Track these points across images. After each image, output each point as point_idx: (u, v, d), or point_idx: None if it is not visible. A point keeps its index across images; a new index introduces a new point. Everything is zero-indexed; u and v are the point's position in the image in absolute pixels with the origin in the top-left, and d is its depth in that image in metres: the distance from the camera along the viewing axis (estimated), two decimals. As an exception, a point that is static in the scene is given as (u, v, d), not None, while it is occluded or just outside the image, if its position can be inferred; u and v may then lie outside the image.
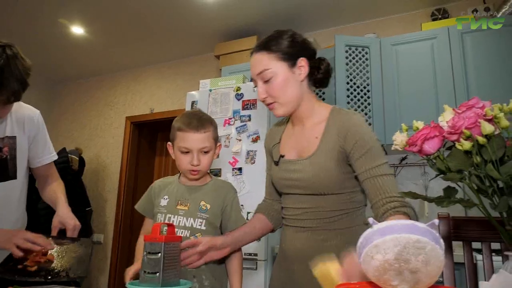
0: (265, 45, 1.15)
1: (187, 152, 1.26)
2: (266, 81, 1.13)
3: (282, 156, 1.23)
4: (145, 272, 0.98)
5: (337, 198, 1.13)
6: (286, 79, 1.13)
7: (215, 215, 1.29)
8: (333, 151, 1.12)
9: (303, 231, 1.17)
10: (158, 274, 0.97)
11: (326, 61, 1.22)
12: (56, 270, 1.18)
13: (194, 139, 1.25)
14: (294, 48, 1.15)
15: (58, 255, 1.22)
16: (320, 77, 1.21)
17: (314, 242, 1.14)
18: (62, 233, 1.31)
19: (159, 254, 0.99)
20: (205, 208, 1.28)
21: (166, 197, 1.32)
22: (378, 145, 1.10)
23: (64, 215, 1.34)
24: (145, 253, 1.00)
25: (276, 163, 1.24)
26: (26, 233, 1.22)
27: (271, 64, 1.12)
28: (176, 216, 1.26)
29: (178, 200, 1.30)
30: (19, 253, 1.17)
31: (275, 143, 1.29)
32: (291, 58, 1.14)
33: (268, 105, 1.17)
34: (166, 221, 1.26)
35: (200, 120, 1.27)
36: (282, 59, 1.13)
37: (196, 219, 1.25)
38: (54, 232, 1.30)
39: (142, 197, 1.42)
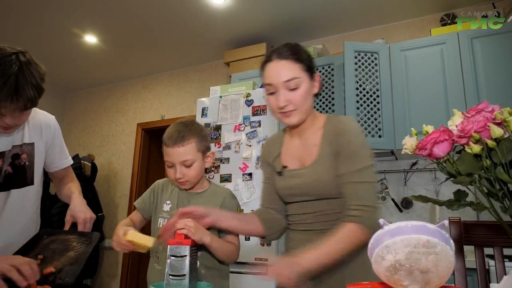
0: (293, 54, 1.17)
1: (172, 166, 1.29)
2: (291, 89, 1.14)
3: (285, 167, 1.26)
4: (171, 275, 1.00)
5: (340, 201, 1.16)
6: (308, 90, 1.17)
7: None
8: (331, 156, 1.16)
9: (312, 234, 1.19)
10: (185, 276, 0.99)
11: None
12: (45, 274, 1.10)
13: (174, 153, 1.26)
14: (312, 62, 1.20)
15: (57, 254, 1.17)
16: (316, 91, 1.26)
17: None
18: (75, 226, 1.30)
19: (186, 257, 1.01)
20: None
21: (168, 202, 1.36)
22: (366, 149, 1.14)
23: (75, 209, 1.33)
24: (169, 256, 1.02)
25: (280, 174, 1.27)
26: (13, 258, 1.06)
27: (300, 73, 1.15)
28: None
29: (179, 206, 1.33)
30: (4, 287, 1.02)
31: (275, 156, 1.31)
32: (311, 71, 1.19)
33: (284, 112, 1.17)
34: None
35: (180, 133, 1.27)
36: (306, 70, 1.17)
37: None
38: (67, 226, 1.31)
39: (143, 195, 1.43)
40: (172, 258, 1.02)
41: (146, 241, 1.12)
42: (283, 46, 1.19)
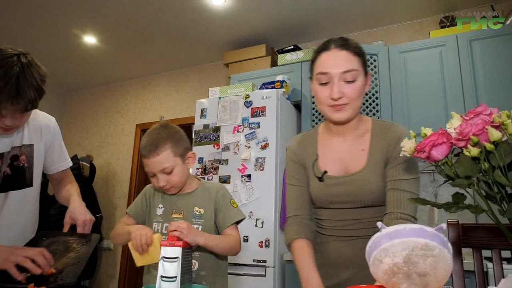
0: (353, 46, 1.12)
1: (153, 175, 1.27)
2: (347, 82, 1.08)
3: (325, 172, 1.18)
4: (162, 277, 1.00)
5: (383, 209, 1.13)
6: (363, 85, 1.12)
7: (210, 218, 1.30)
8: (381, 164, 1.13)
9: (352, 239, 1.16)
10: (176, 278, 0.98)
11: None
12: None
13: (151, 164, 1.24)
14: (365, 58, 1.15)
15: (57, 255, 1.18)
16: None
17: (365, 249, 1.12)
18: (74, 228, 1.30)
19: (177, 259, 1.01)
20: (199, 213, 1.30)
21: (161, 206, 1.34)
22: (415, 160, 1.11)
23: (75, 210, 1.33)
24: (161, 258, 1.02)
25: (321, 179, 1.18)
26: (26, 249, 1.14)
27: (358, 67, 1.10)
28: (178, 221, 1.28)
29: (172, 208, 1.32)
30: (20, 276, 1.07)
31: (313, 158, 1.22)
32: (365, 67, 1.14)
33: (335, 106, 1.10)
34: (163, 230, 1.29)
35: (153, 142, 1.24)
36: (362, 65, 1.12)
37: (193, 226, 1.27)
38: (65, 228, 1.30)
39: (135, 201, 1.41)
40: (164, 260, 1.02)
41: (159, 253, 1.06)
42: (341, 38, 1.13)
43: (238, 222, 1.33)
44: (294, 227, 1.20)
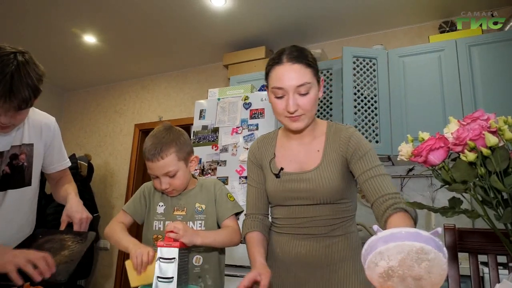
0: (304, 58, 1.14)
1: (156, 177, 1.28)
2: (301, 94, 1.12)
3: (282, 169, 1.23)
4: (159, 278, 1.00)
5: (338, 207, 1.18)
6: (316, 95, 1.16)
7: (211, 212, 1.32)
8: (336, 162, 1.18)
9: (307, 238, 1.19)
10: (172, 279, 0.98)
11: None
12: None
13: (155, 167, 1.25)
14: (317, 67, 1.18)
15: (51, 254, 1.16)
16: None
17: (321, 248, 1.17)
18: (71, 226, 1.30)
19: (174, 259, 1.01)
20: (200, 209, 1.31)
21: (161, 204, 1.35)
22: (373, 150, 1.18)
23: (72, 209, 1.33)
24: (158, 259, 1.02)
25: (277, 176, 1.23)
26: (29, 253, 1.10)
27: (311, 78, 1.13)
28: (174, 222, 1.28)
29: (174, 206, 1.33)
30: (19, 281, 1.04)
31: (271, 157, 1.28)
32: (318, 76, 1.17)
33: (293, 117, 1.15)
34: (164, 228, 1.29)
35: (157, 146, 1.24)
36: (315, 76, 1.16)
37: (196, 222, 1.29)
38: (62, 226, 1.31)
39: (133, 199, 1.40)
40: (161, 260, 1.02)
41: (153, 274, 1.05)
42: (292, 49, 1.16)
43: (237, 214, 1.35)
44: (249, 222, 1.28)
